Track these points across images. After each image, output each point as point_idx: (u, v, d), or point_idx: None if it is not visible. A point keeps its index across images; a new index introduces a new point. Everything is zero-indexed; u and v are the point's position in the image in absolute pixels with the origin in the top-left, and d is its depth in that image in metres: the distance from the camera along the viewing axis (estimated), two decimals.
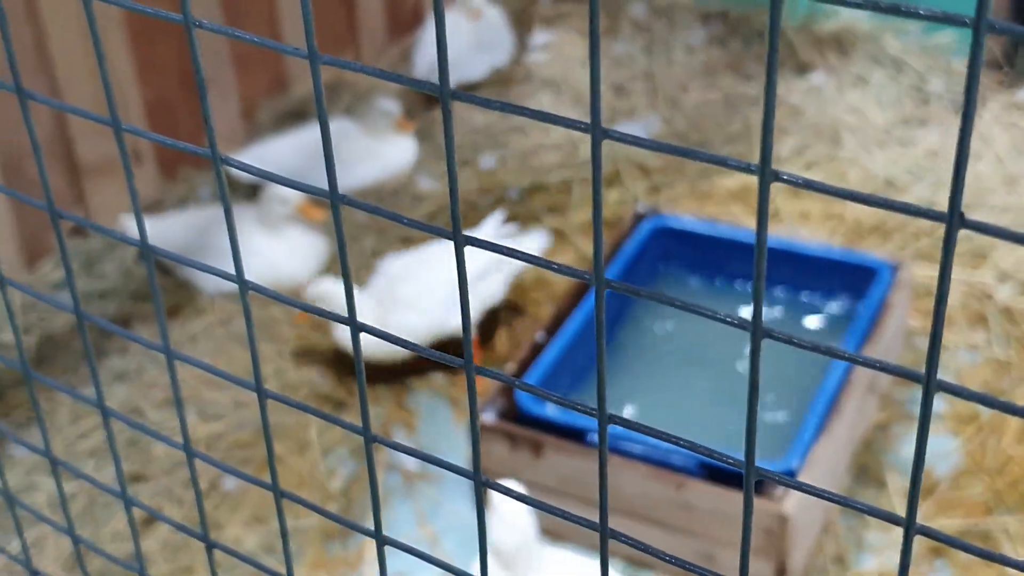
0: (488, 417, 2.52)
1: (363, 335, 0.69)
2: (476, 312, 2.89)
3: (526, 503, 0.61)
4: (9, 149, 3.12)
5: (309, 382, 2.89)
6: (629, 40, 4.12)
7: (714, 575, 0.65)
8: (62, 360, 3.00)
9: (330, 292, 2.79)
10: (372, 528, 0.66)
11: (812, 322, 2.86)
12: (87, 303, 3.18)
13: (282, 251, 3.15)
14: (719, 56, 4.01)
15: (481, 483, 0.57)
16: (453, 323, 2.83)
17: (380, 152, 3.54)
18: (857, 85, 3.76)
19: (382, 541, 0.60)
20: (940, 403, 2.72)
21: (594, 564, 2.17)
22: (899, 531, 2.64)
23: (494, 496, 2.18)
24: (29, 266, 3.28)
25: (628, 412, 2.66)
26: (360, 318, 0.71)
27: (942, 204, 3.25)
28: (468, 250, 0.79)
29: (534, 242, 2.95)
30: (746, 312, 2.92)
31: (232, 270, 0.72)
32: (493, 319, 3.01)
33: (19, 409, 2.86)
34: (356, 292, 2.86)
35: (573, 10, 4.35)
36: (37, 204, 0.71)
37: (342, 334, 2.84)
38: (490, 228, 2.97)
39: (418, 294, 2.81)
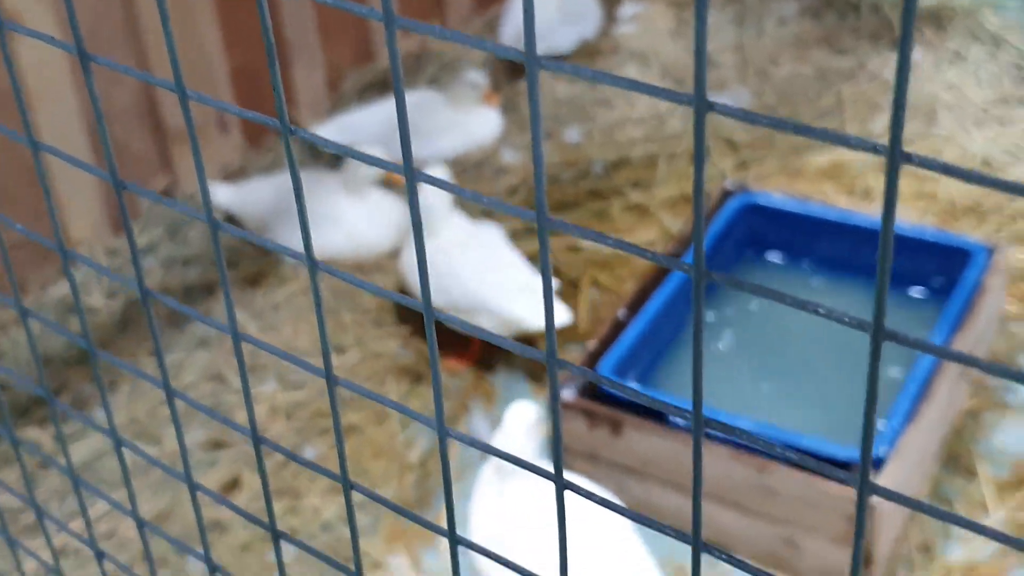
0: (567, 394, 2.48)
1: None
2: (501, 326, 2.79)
3: (610, 508, 0.58)
4: None
5: (390, 353, 2.88)
6: (719, 10, 4.04)
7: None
8: (147, 324, 3.02)
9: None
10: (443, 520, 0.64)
11: (904, 305, 2.78)
12: (171, 269, 3.20)
13: (366, 217, 3.13)
14: (812, 28, 3.92)
15: (563, 486, 0.54)
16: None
17: (464, 124, 3.50)
18: (954, 61, 3.65)
19: (455, 540, 0.57)
20: None
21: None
22: (989, 522, 2.54)
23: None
24: (116, 230, 3.30)
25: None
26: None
27: None
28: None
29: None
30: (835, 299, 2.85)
31: (314, 240, 0.70)
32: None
33: (107, 372, 2.88)
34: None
35: None
36: (102, 175, 0.69)
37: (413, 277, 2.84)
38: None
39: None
